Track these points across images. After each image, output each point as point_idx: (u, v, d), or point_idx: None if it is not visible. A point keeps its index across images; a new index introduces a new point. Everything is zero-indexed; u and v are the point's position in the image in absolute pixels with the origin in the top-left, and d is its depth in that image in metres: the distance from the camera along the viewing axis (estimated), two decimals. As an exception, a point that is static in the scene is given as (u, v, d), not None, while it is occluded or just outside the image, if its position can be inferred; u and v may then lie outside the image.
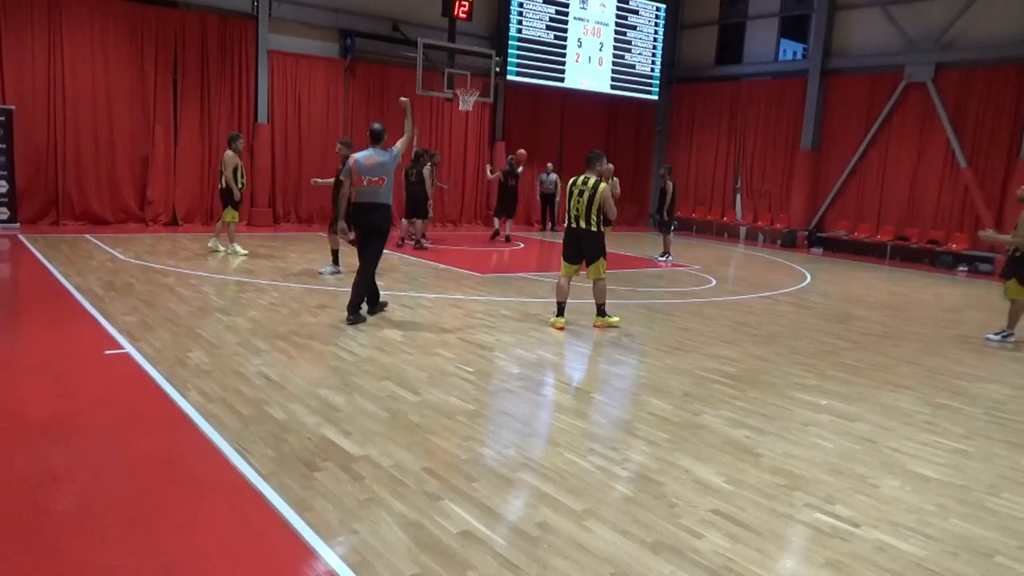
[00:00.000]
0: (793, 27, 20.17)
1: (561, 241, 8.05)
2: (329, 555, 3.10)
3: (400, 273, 10.71)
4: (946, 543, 3.56)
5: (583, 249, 7.77)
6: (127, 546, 3.11)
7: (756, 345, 7.53)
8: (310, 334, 6.78)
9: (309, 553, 3.13)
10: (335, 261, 10.15)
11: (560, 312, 7.84)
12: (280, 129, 15.62)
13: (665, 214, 14.31)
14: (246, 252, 11.48)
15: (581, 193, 7.66)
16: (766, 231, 19.49)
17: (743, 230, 20.20)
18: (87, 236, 12.22)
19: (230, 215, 11.38)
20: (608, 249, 7.95)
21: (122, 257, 10.38)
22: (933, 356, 7.60)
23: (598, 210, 7.60)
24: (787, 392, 5.95)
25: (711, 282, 11.86)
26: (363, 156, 7.41)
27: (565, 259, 7.87)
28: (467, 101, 15.77)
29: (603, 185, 7.61)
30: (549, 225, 18.13)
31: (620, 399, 5.64)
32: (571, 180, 7.86)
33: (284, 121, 15.65)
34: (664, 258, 14.08)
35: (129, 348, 5.95)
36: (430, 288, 9.65)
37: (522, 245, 14.92)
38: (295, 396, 5.06)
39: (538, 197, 18.41)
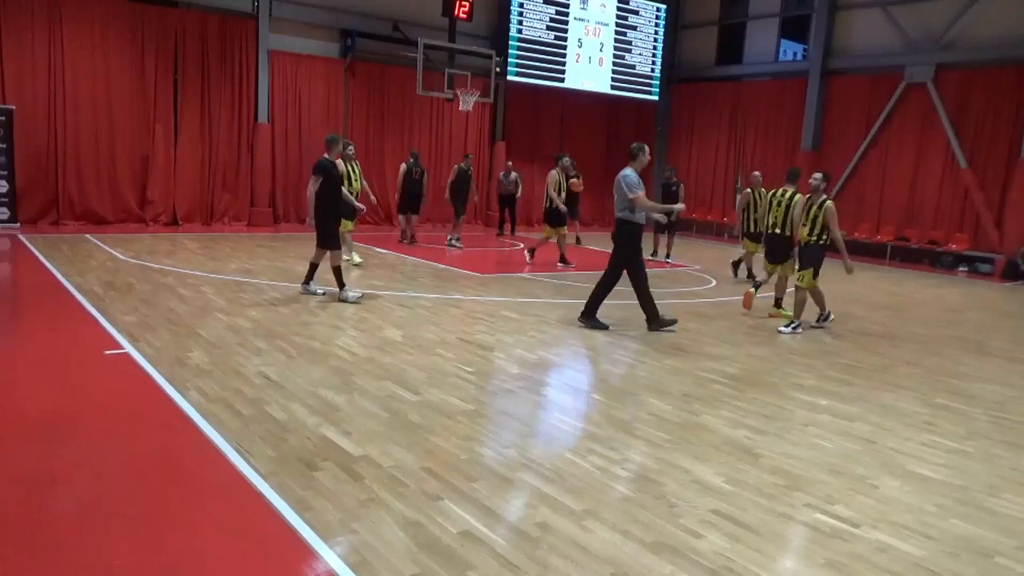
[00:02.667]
0: (793, 27, 20.16)
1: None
2: (329, 555, 3.10)
3: (400, 273, 10.72)
4: (946, 543, 3.56)
5: (779, 252, 9.10)
6: (127, 546, 3.11)
7: (756, 345, 7.53)
8: (310, 334, 6.78)
9: (309, 553, 3.13)
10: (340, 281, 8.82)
11: (777, 304, 9.23)
12: (280, 129, 15.62)
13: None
14: (359, 262, 10.98)
15: (779, 203, 9.06)
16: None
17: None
18: (87, 236, 12.22)
19: (344, 225, 10.52)
20: (607, 250, 7.98)
21: (122, 257, 10.38)
22: (933, 356, 7.60)
23: (793, 219, 8.77)
24: (787, 392, 5.95)
25: (711, 282, 11.86)
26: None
27: (768, 260, 9.32)
28: (467, 101, 15.77)
29: (799, 197, 8.87)
30: (508, 229, 16.61)
31: (620, 399, 5.64)
32: (771, 192, 9.40)
33: (284, 121, 15.66)
34: (667, 259, 14.01)
35: (129, 348, 5.95)
36: (430, 288, 9.65)
37: (521, 245, 14.91)
38: (295, 396, 5.06)
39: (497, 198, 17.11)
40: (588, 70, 19.22)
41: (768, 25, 19.67)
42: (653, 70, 20.59)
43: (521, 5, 17.84)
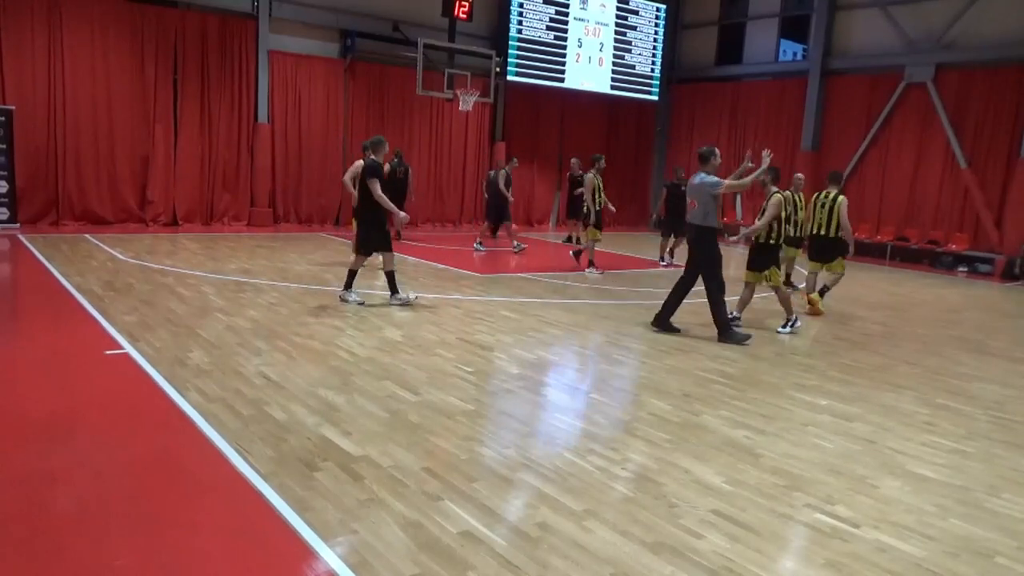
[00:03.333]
0: (793, 27, 20.16)
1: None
2: (329, 555, 3.10)
3: (400, 273, 10.70)
4: (946, 544, 3.56)
5: (824, 252, 9.54)
6: (127, 546, 3.11)
7: (756, 345, 7.53)
8: (310, 334, 6.78)
9: (309, 553, 3.13)
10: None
11: (820, 295, 9.52)
12: (280, 129, 15.61)
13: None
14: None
15: (823, 206, 9.50)
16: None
17: (743, 230, 20.19)
18: (87, 236, 12.22)
19: None
20: (608, 250, 7.98)
21: (122, 257, 10.38)
22: (933, 356, 7.60)
23: (837, 220, 9.28)
24: (787, 392, 5.95)
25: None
26: (690, 179, 7.82)
27: (811, 259, 9.77)
28: (467, 101, 15.77)
29: (842, 198, 9.38)
30: (503, 230, 15.56)
31: (620, 399, 5.64)
32: (815, 195, 9.78)
33: (284, 121, 15.65)
34: (664, 260, 13.95)
35: (129, 348, 5.95)
36: (430, 288, 9.65)
37: (525, 246, 14.90)
38: (295, 396, 5.06)
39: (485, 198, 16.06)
40: (588, 70, 19.22)
41: (768, 25, 19.67)
42: (653, 70, 20.58)
43: (521, 5, 17.84)
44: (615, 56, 19.66)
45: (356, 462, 4.04)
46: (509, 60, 17.77)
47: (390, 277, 8.30)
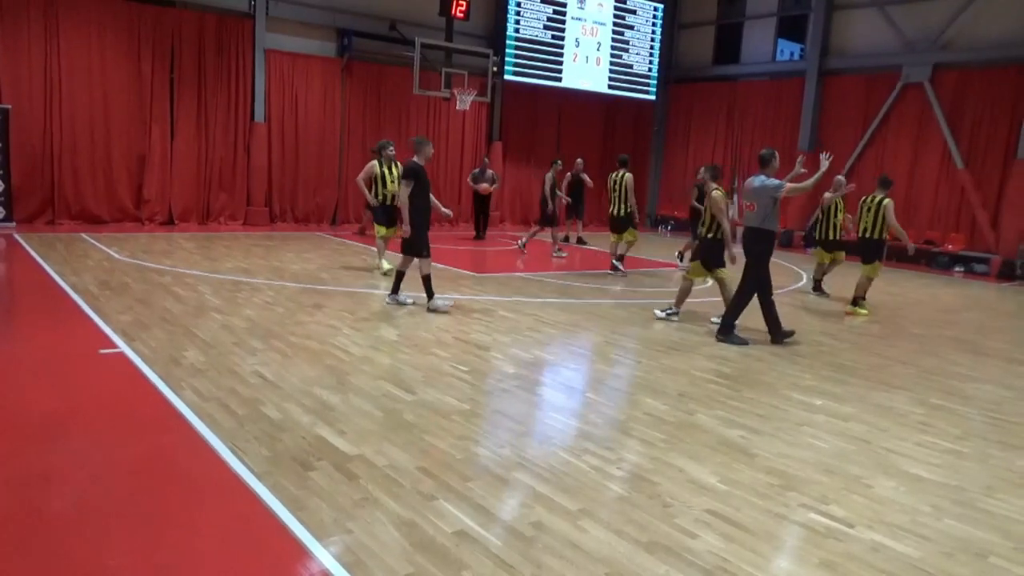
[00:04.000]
0: (791, 27, 20.18)
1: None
2: (323, 555, 3.10)
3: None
4: (941, 544, 3.57)
5: (868, 254, 9.80)
6: (122, 546, 3.10)
7: (752, 345, 7.53)
8: (306, 333, 6.77)
9: (303, 552, 3.13)
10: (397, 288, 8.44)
11: (855, 303, 9.78)
12: (277, 128, 15.59)
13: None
14: (389, 268, 10.07)
15: (869, 209, 9.78)
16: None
17: (739, 230, 20.18)
18: (83, 235, 12.19)
19: (379, 231, 10.29)
20: (606, 250, 7.97)
21: (118, 256, 10.35)
22: (928, 357, 7.61)
23: (883, 221, 9.64)
24: (782, 392, 5.96)
25: (707, 282, 11.84)
26: (748, 180, 7.83)
27: (862, 262, 9.92)
28: (464, 100, 15.75)
29: (887, 201, 9.68)
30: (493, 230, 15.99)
31: (615, 399, 5.64)
32: (862, 199, 9.99)
33: (281, 120, 15.63)
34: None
35: (124, 347, 5.94)
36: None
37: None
38: (290, 395, 5.05)
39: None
40: (585, 70, 19.22)
41: (765, 25, 19.68)
42: (650, 70, 20.59)
43: (518, 4, 17.83)
44: (612, 56, 19.66)
45: (351, 461, 4.04)
46: (506, 59, 17.76)
47: (398, 277, 8.29)
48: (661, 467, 4.26)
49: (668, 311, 8.45)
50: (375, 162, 10.08)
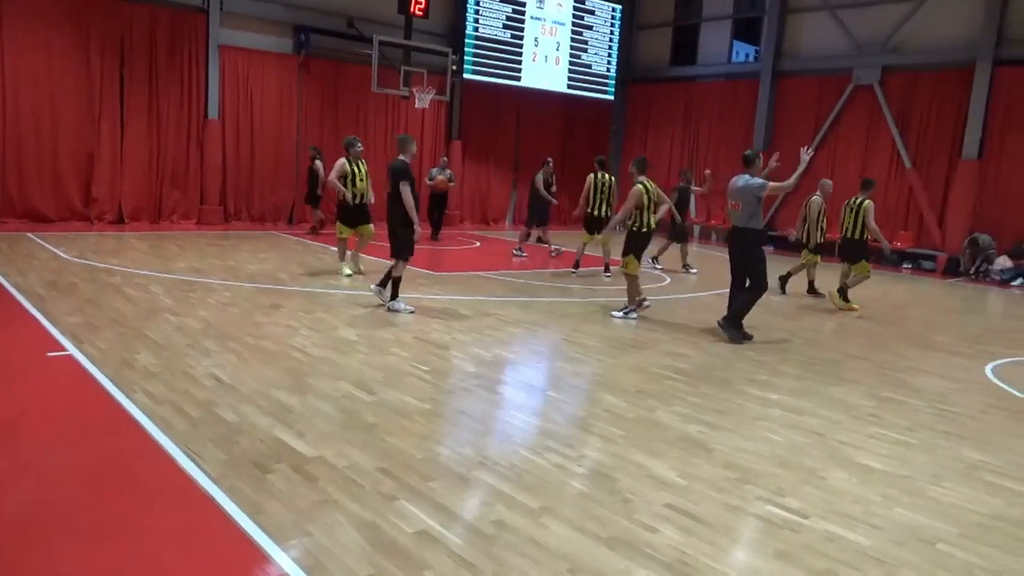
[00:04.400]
0: (746, 29, 20.54)
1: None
2: (282, 558, 3.06)
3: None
4: (891, 532, 3.66)
5: (851, 254, 10.19)
6: (74, 553, 3.02)
7: (709, 341, 7.65)
8: (263, 334, 6.67)
9: (261, 556, 3.08)
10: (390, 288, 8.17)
11: (840, 293, 10.10)
12: (232, 126, 15.31)
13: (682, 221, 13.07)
14: (350, 273, 10.01)
15: (852, 210, 10.01)
16: (719, 230, 19.79)
17: (697, 228, 20.49)
18: (28, 234, 11.82)
19: (340, 230, 10.09)
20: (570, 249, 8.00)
21: (66, 256, 10.06)
22: (879, 351, 7.81)
23: (862, 223, 9.96)
24: (738, 387, 6.06)
25: (666, 280, 12.00)
26: (732, 181, 7.88)
27: (841, 260, 10.58)
28: (423, 99, 15.67)
29: (867, 203, 9.92)
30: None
31: (576, 396, 5.67)
32: (846, 201, 10.34)
33: (236, 118, 15.35)
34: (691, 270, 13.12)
35: (73, 350, 5.78)
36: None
37: (478, 244, 14.89)
38: (247, 397, 4.97)
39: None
40: (545, 69, 19.28)
41: (721, 27, 19.99)
42: (609, 70, 20.74)
43: (477, 3, 17.80)
44: (572, 55, 19.76)
45: (310, 463, 3.99)
46: (465, 58, 17.72)
47: (395, 282, 8.05)
48: (621, 463, 4.29)
49: (626, 310, 8.52)
50: (344, 160, 9.83)
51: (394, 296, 8.05)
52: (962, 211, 15.45)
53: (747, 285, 7.77)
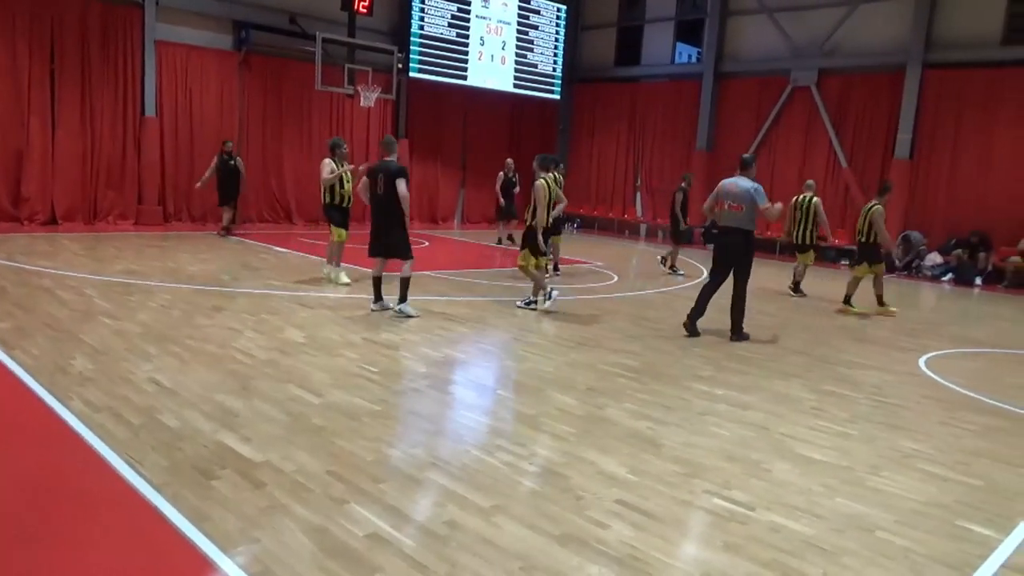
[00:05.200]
0: (688, 31, 20.90)
1: None
2: (229, 566, 2.98)
3: (301, 273, 10.43)
4: (833, 521, 3.77)
5: (860, 256, 10.49)
6: (9, 566, 2.89)
7: (656, 339, 7.76)
8: (205, 337, 6.50)
9: (207, 565, 3.00)
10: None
11: (847, 300, 10.43)
12: (170, 123, 14.87)
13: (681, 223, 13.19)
14: (349, 282, 9.60)
15: (864, 215, 10.12)
16: (665, 228, 20.06)
17: (643, 227, 20.77)
18: (-47, 236, 11.29)
19: (340, 235, 9.85)
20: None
21: (-6, 259, 9.64)
22: (819, 346, 8.04)
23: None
24: (686, 383, 6.16)
25: (613, 278, 12.13)
26: (728, 182, 7.91)
27: (851, 263, 11.26)
28: (368, 98, 15.50)
29: (878, 207, 10.00)
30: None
31: (526, 395, 5.68)
32: (794, 198, 11.17)
33: (174, 115, 14.91)
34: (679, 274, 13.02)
35: (3, 356, 5.53)
36: (333, 287, 9.43)
37: (426, 243, 14.82)
38: (189, 402, 4.84)
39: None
40: (491, 68, 19.28)
41: (664, 28, 20.30)
42: (555, 69, 20.86)
43: (423, 1, 17.69)
44: (517, 55, 19.81)
45: (257, 468, 3.90)
46: (411, 57, 17.60)
47: (404, 284, 8.00)
48: (572, 460, 4.32)
49: (526, 300, 8.77)
50: (331, 160, 9.44)
51: (403, 299, 7.95)
52: (895, 209, 16.00)
53: (734, 286, 7.94)
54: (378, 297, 8.12)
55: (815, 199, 11.43)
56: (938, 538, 3.67)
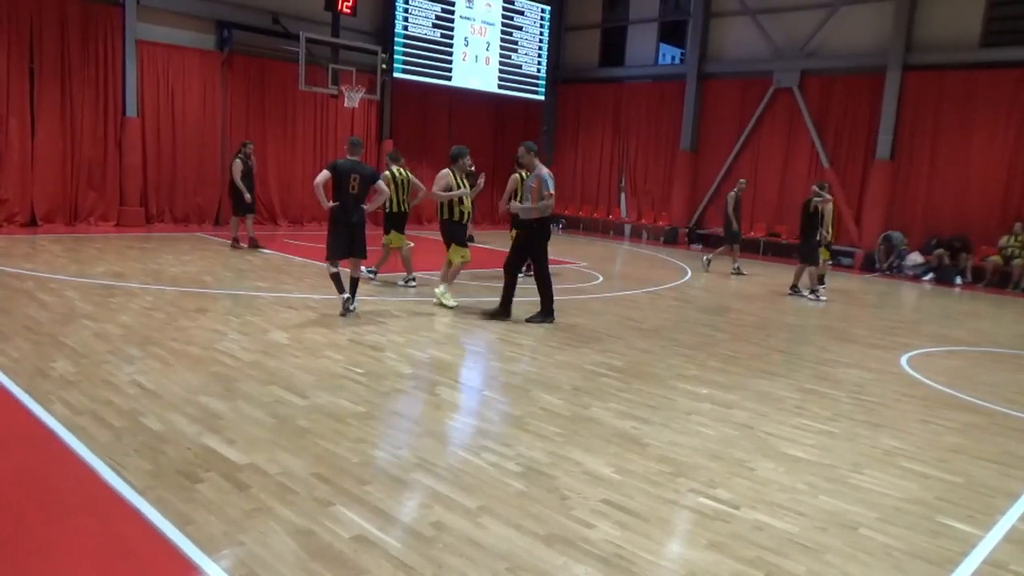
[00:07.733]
0: (671, 32, 21.01)
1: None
2: (213, 569, 2.96)
3: (285, 274, 10.38)
4: (816, 519, 3.81)
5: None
6: (-17, 575, 2.86)
7: (641, 339, 7.79)
8: (188, 339, 6.45)
9: (191, 569, 2.98)
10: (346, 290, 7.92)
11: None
12: (152, 123, 14.75)
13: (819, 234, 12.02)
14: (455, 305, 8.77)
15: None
16: (649, 228, 20.19)
17: (627, 227, 20.85)
18: (-70, 238, 11.14)
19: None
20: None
21: (-28, 261, 9.52)
22: (802, 344, 8.10)
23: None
24: (670, 383, 6.19)
25: (598, 279, 12.17)
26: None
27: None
28: (353, 98, 15.45)
29: (814, 201, 10.53)
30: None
31: (511, 395, 5.68)
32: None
33: (156, 115, 14.79)
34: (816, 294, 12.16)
35: (-18, 359, 5.47)
36: (318, 289, 9.40)
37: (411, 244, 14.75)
38: (173, 405, 4.80)
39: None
40: (475, 69, 19.27)
41: (648, 29, 20.40)
42: (539, 70, 20.89)
43: (407, 1, 17.65)
44: (502, 55, 19.82)
45: (241, 471, 3.88)
46: (395, 57, 17.56)
47: (356, 283, 8.05)
48: (558, 461, 4.33)
49: (408, 279, 9.40)
50: (450, 173, 9.18)
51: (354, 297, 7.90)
52: (877, 209, 16.19)
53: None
54: (343, 289, 7.89)
55: (814, 199, 11.41)
56: (919, 534, 3.71)
